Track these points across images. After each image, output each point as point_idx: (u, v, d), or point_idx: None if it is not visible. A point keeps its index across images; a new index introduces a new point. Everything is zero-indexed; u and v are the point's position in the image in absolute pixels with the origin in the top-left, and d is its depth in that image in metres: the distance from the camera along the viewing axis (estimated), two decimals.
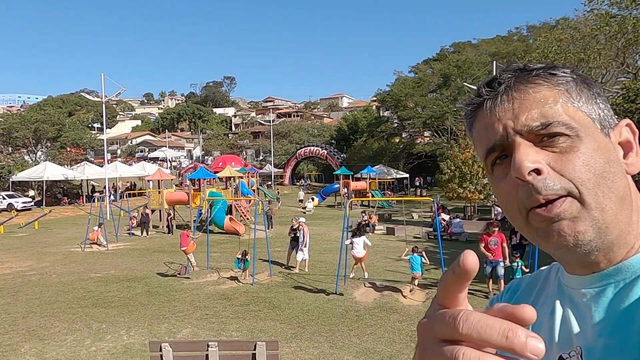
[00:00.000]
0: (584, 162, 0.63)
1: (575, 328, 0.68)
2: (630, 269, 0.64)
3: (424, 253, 10.87)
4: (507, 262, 10.38)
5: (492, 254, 10.06)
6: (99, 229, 18.34)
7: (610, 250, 0.65)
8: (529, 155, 0.64)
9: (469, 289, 0.48)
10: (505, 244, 10.27)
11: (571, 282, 0.71)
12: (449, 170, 23.50)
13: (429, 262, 11.07)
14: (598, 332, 0.64)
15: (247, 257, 11.87)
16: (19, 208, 31.93)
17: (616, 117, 0.71)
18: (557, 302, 0.74)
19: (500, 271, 10.05)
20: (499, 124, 0.67)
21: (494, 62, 32.00)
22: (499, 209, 23.91)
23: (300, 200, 36.99)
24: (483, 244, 10.20)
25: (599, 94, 0.69)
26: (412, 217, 25.50)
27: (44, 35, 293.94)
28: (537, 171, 0.63)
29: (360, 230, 11.28)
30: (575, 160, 0.63)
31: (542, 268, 0.85)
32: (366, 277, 11.71)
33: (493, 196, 24.08)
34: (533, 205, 0.64)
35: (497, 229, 10.26)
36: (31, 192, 37.64)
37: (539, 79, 0.67)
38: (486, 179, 16.76)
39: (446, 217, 20.73)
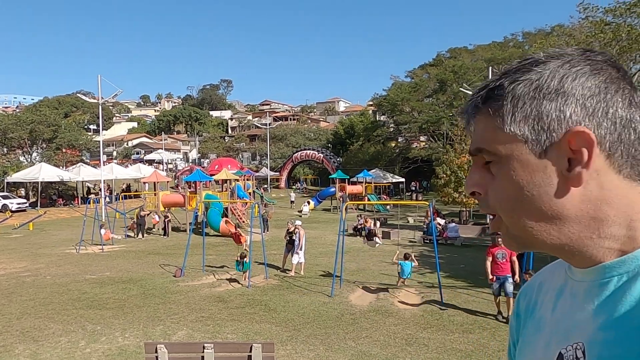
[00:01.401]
0: (502, 188, 0.67)
1: (576, 323, 0.68)
2: (634, 262, 0.64)
3: (413, 257, 10.99)
4: (517, 278, 9.19)
5: (499, 269, 8.99)
6: (106, 230, 18.60)
7: (586, 252, 0.66)
8: (471, 179, 0.72)
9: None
10: (515, 258, 9.16)
11: (576, 275, 0.71)
12: (444, 175, 23.60)
13: (417, 265, 11.12)
14: (599, 325, 0.63)
15: (245, 259, 11.89)
16: (13, 209, 31.78)
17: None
18: (560, 296, 0.74)
19: (509, 288, 8.91)
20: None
21: (490, 67, 32.19)
22: None
23: (292, 202, 37.24)
24: (490, 259, 9.18)
25: (553, 98, 0.64)
26: (408, 221, 25.55)
27: (40, 36, 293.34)
28: (473, 194, 0.72)
29: (370, 235, 11.40)
30: (497, 185, 0.68)
31: (553, 263, 0.85)
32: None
33: None
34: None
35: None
36: (22, 192, 37.50)
37: (484, 106, 0.69)
38: None
39: (442, 221, 20.80)
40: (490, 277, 9.09)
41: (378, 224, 21.66)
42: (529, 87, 0.65)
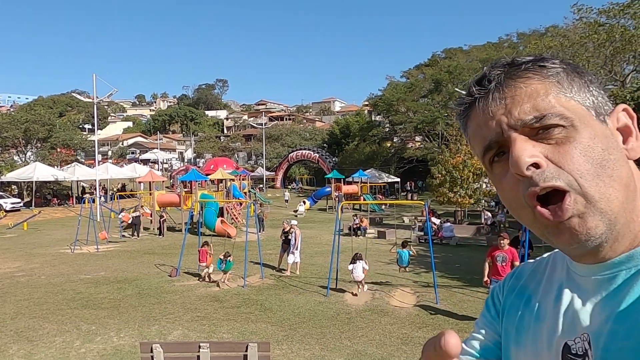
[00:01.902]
0: (582, 152, 0.62)
1: (583, 315, 0.67)
2: None
3: (411, 247, 10.94)
4: None
5: (499, 274, 8.38)
6: (102, 230, 18.58)
7: (616, 241, 0.64)
8: (526, 150, 0.63)
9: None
10: (517, 263, 8.27)
11: (580, 270, 0.70)
12: (439, 175, 23.64)
13: (416, 254, 11.06)
14: (606, 318, 0.63)
15: (229, 258, 11.73)
16: (7, 209, 31.61)
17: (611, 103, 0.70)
18: (564, 289, 0.73)
19: None
20: (492, 121, 0.67)
21: (485, 68, 32.25)
22: (489, 214, 24.07)
23: (286, 201, 37.69)
24: (489, 260, 8.71)
25: (591, 82, 0.68)
26: (403, 221, 25.60)
27: (35, 35, 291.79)
28: (536, 165, 0.63)
29: (356, 258, 11.08)
30: (573, 151, 0.62)
31: (545, 255, 0.84)
32: (366, 289, 11.37)
33: (483, 201, 24.31)
34: (533, 199, 0.63)
35: (507, 241, 8.64)
36: (15, 190, 37.32)
37: (528, 72, 0.66)
38: (476, 183, 16.69)
39: (437, 221, 20.86)
40: (485, 279, 8.67)
41: (366, 220, 21.72)
42: (570, 67, 0.68)
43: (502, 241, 8.54)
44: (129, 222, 21.82)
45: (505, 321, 0.83)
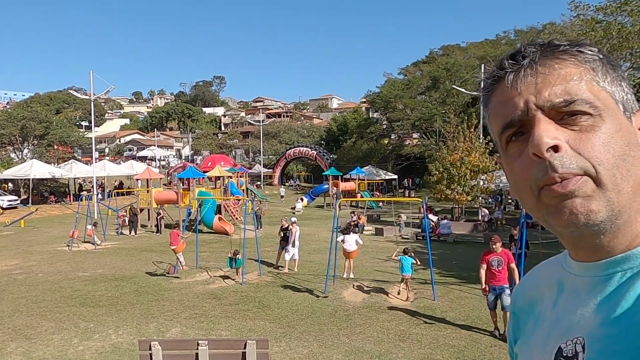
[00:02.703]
0: (604, 142, 0.62)
1: (577, 317, 0.66)
2: (638, 259, 0.63)
3: (413, 254, 10.77)
4: None
5: (495, 279, 7.92)
6: (94, 227, 18.31)
7: (616, 237, 0.64)
8: (549, 132, 0.62)
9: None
10: (513, 265, 8.02)
11: (576, 269, 0.70)
12: (437, 172, 23.69)
13: (419, 264, 11.05)
14: (601, 321, 0.62)
15: (238, 256, 11.88)
16: (4, 206, 31.52)
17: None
18: (561, 292, 0.73)
19: (506, 300, 7.70)
20: (519, 98, 0.66)
21: (482, 65, 32.35)
22: (486, 211, 24.09)
23: (282, 197, 38.67)
24: (484, 266, 8.07)
25: (623, 77, 0.67)
26: (400, 218, 25.63)
27: (31, 32, 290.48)
28: (555, 148, 0.62)
29: (349, 229, 11.14)
30: (595, 140, 0.62)
31: (540, 264, 0.84)
32: (352, 276, 11.74)
33: (480, 198, 24.37)
34: (548, 183, 0.63)
35: (499, 244, 8.08)
36: (10, 187, 37.23)
37: (565, 55, 0.66)
38: (473, 180, 16.69)
39: (434, 218, 20.91)
40: (484, 286, 8.07)
41: (363, 217, 21.75)
42: (606, 58, 0.68)
43: (494, 245, 8.01)
44: (126, 223, 21.78)
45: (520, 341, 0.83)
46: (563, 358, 0.66)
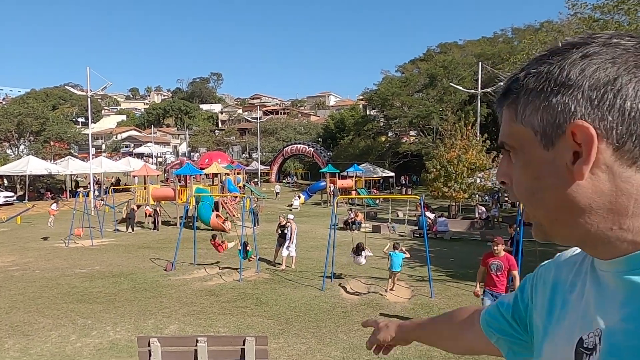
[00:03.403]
0: (517, 179, 0.71)
1: (599, 310, 0.68)
2: None
3: (404, 249, 10.78)
4: None
5: (493, 284, 7.37)
6: (78, 227, 18.11)
7: (597, 245, 0.67)
8: (499, 170, 0.76)
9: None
10: (515, 272, 7.34)
11: (602, 265, 0.71)
12: (434, 170, 23.72)
13: (409, 256, 11.08)
14: (621, 315, 0.64)
15: (248, 247, 12.25)
16: (0, 202, 31.42)
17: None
18: (587, 284, 0.74)
19: None
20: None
21: (480, 62, 32.38)
22: (483, 208, 24.13)
23: (277, 194, 38.81)
24: (483, 268, 7.60)
25: (560, 92, 0.64)
26: (398, 215, 25.68)
27: (27, 27, 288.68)
28: (503, 183, 0.74)
29: (359, 249, 11.35)
30: (517, 176, 0.71)
31: (576, 249, 0.85)
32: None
33: (477, 195, 24.43)
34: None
35: (501, 246, 7.44)
36: (5, 183, 37.11)
37: (508, 95, 0.71)
38: (470, 178, 16.77)
39: (431, 215, 20.95)
40: (477, 289, 7.64)
41: (361, 215, 21.75)
42: (539, 81, 0.66)
43: (495, 247, 7.38)
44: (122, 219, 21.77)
45: (534, 313, 0.87)
46: (583, 349, 0.68)
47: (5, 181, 37.59)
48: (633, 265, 0.65)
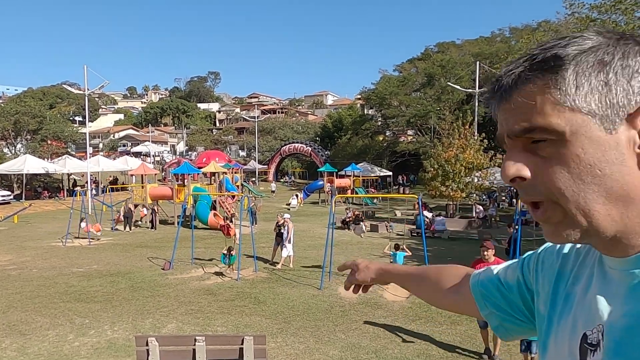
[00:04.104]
0: (567, 169, 0.61)
1: (603, 306, 0.67)
2: None
3: (405, 247, 10.88)
4: None
5: None
6: (86, 224, 18.29)
7: (620, 242, 0.64)
8: (510, 166, 0.64)
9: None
10: None
11: (610, 262, 0.69)
12: (432, 169, 23.74)
13: (410, 253, 11.10)
14: (624, 312, 0.63)
15: (232, 252, 11.92)
16: None
17: None
18: (593, 279, 0.73)
19: None
20: (499, 124, 0.68)
21: (477, 62, 32.40)
22: (481, 208, 24.18)
23: (273, 191, 39.63)
24: None
25: (617, 73, 0.60)
26: (395, 215, 25.71)
27: (24, 25, 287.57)
28: (522, 178, 0.64)
29: (357, 220, 11.39)
30: (556, 167, 0.61)
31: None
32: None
33: (474, 195, 24.47)
34: (526, 202, 0.66)
35: (491, 251, 6.92)
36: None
37: (533, 73, 0.63)
38: (468, 177, 16.82)
39: (429, 214, 20.98)
40: None
41: (364, 219, 21.78)
42: (593, 59, 0.61)
43: (485, 252, 6.87)
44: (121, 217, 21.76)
45: (538, 301, 0.85)
46: (587, 345, 0.68)
47: (2, 180, 37.44)
48: (637, 263, 0.64)
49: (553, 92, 0.61)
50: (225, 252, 12.03)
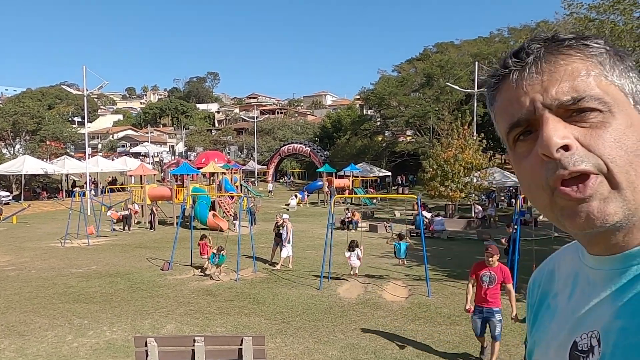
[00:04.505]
0: (616, 139, 0.60)
1: (592, 311, 0.66)
2: None
3: (407, 239, 10.94)
4: (514, 315, 6.37)
5: (484, 299, 6.45)
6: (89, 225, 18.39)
7: (631, 232, 0.62)
8: (557, 131, 0.60)
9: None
10: (510, 286, 6.43)
11: (592, 263, 0.68)
12: (431, 169, 23.76)
13: (411, 243, 11.12)
14: (616, 314, 0.61)
15: (222, 252, 11.80)
16: None
17: None
18: (576, 284, 0.72)
19: (496, 328, 6.37)
20: (525, 97, 0.64)
21: (476, 62, 32.44)
22: (480, 208, 24.16)
23: (270, 191, 40.16)
24: (473, 281, 6.62)
25: (632, 68, 0.65)
26: (395, 215, 25.73)
27: (23, 25, 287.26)
28: (565, 147, 0.60)
29: (352, 246, 11.52)
30: (606, 136, 0.60)
31: (553, 254, 0.83)
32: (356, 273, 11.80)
33: (473, 195, 24.49)
34: (558, 182, 0.61)
35: (496, 257, 6.46)
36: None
37: (570, 50, 0.63)
38: (467, 177, 16.87)
39: (428, 215, 20.99)
40: (468, 305, 6.68)
41: (358, 214, 21.80)
42: (613, 50, 0.65)
43: (490, 258, 6.41)
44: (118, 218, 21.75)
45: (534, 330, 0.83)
46: (578, 352, 0.66)
47: (1, 181, 37.40)
48: (623, 262, 0.63)
49: (598, 67, 0.63)
50: (215, 251, 11.91)
